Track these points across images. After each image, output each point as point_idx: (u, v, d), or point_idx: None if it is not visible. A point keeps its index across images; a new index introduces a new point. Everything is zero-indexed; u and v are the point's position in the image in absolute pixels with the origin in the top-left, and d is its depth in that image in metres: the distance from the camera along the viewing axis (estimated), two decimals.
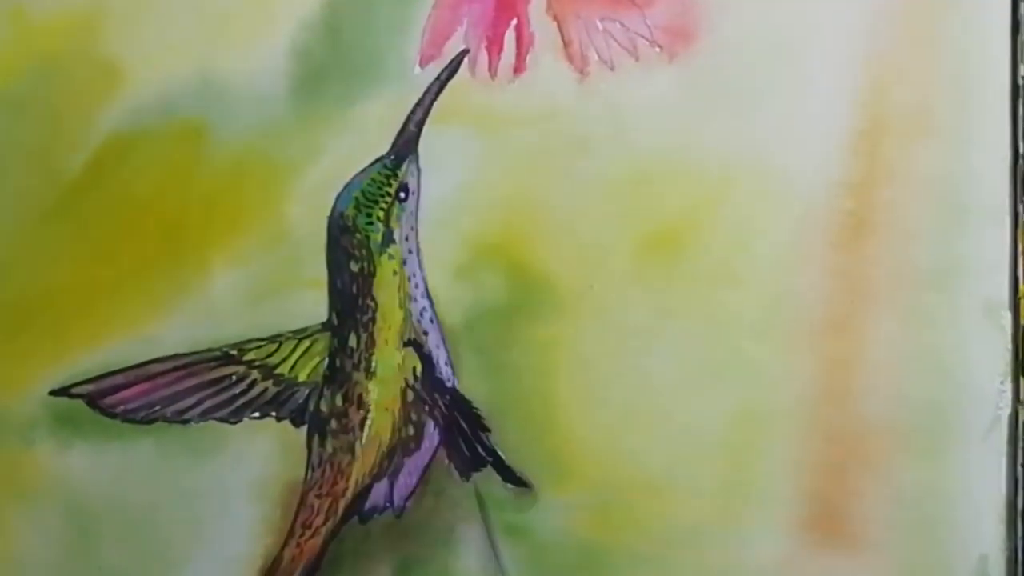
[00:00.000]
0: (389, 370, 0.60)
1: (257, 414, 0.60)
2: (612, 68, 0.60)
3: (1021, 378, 0.58)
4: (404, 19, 0.60)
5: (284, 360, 0.60)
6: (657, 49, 0.60)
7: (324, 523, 0.60)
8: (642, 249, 0.59)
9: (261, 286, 0.61)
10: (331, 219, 0.60)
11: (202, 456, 0.61)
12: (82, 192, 0.62)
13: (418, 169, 0.60)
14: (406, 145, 0.60)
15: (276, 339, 0.60)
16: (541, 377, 0.59)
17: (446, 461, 0.60)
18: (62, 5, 0.62)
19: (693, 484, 0.59)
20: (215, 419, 0.60)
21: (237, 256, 0.61)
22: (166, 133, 0.61)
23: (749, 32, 0.59)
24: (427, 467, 0.60)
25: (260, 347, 0.60)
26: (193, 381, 0.60)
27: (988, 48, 0.58)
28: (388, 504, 0.60)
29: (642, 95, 0.59)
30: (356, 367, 0.60)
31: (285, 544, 0.60)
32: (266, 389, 0.60)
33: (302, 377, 0.60)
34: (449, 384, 0.60)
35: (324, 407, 0.60)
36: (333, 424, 0.60)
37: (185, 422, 0.61)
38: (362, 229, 0.60)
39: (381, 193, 0.60)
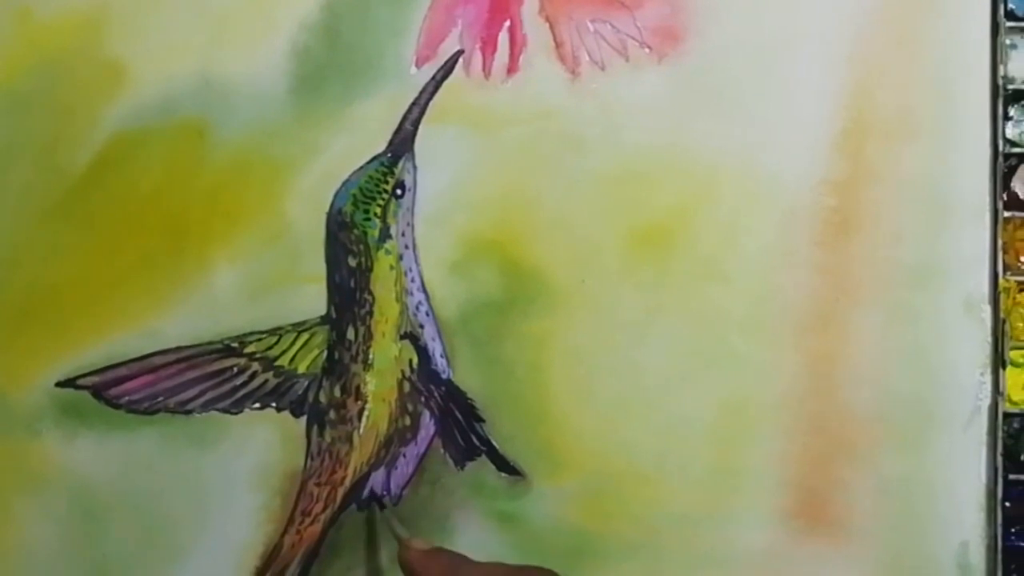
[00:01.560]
0: (386, 362, 0.60)
1: (258, 405, 0.61)
2: (603, 68, 0.60)
3: (1001, 370, 0.58)
4: (401, 21, 0.61)
5: (284, 352, 0.60)
6: (647, 50, 0.60)
7: (323, 511, 0.60)
8: (632, 245, 0.60)
9: (261, 281, 0.61)
10: (329, 215, 0.60)
11: (204, 446, 0.61)
12: (87, 189, 0.61)
13: (414, 167, 0.60)
14: (402, 143, 0.60)
15: (276, 332, 0.61)
16: (534, 369, 0.60)
17: (441, 451, 0.60)
18: (68, 6, 0.62)
19: (682, 474, 0.59)
20: (217, 410, 0.61)
21: (238, 251, 0.61)
22: (169, 132, 0.61)
23: (736, 34, 0.60)
24: (423, 456, 0.61)
25: (260, 340, 0.60)
26: (195, 373, 0.60)
27: (969, 50, 0.59)
28: (385, 492, 0.60)
29: (632, 95, 0.60)
30: (354, 359, 0.60)
31: (285, 531, 0.60)
32: (266, 381, 0.60)
33: (301, 369, 0.61)
34: (444, 376, 0.60)
35: (323, 398, 0.61)
36: (332, 415, 0.60)
37: (188, 413, 0.61)
38: (359, 225, 0.60)
39: (378, 190, 0.60)
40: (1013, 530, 0.59)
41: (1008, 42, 0.59)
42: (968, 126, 0.59)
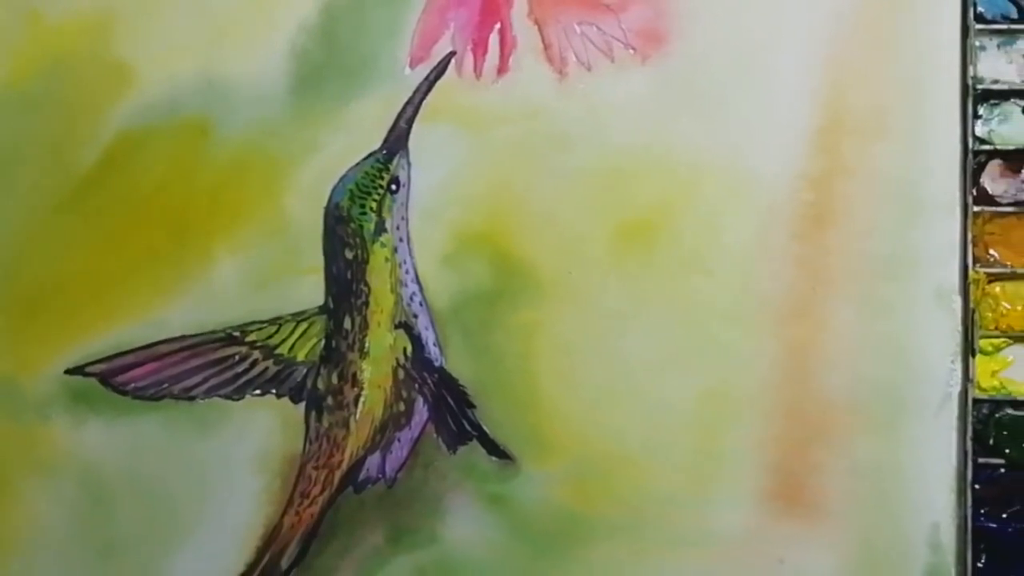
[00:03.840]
0: (381, 350, 0.61)
1: (258, 391, 0.61)
2: (589, 69, 0.60)
3: (970, 358, 0.59)
4: (395, 23, 0.61)
5: (284, 341, 0.61)
6: (631, 51, 0.60)
7: (321, 493, 0.61)
8: (618, 239, 0.60)
9: (262, 272, 0.61)
10: (327, 210, 0.61)
11: (207, 431, 0.61)
12: (94, 185, 0.62)
13: (408, 163, 0.61)
14: (397, 141, 0.61)
15: (276, 321, 0.61)
16: (523, 358, 0.60)
17: (434, 435, 0.61)
18: (75, 9, 0.62)
19: (665, 457, 0.60)
20: (219, 396, 0.61)
21: (239, 245, 0.61)
22: (172, 130, 0.61)
23: (717, 36, 0.60)
24: (417, 441, 0.61)
25: (261, 329, 0.61)
26: (199, 361, 0.61)
27: (940, 52, 0.59)
28: (380, 475, 0.61)
29: (617, 94, 0.60)
30: (351, 347, 0.61)
31: (285, 512, 0.61)
32: (267, 368, 0.61)
33: (300, 357, 0.61)
34: (437, 363, 0.61)
35: (321, 385, 0.61)
36: (329, 401, 0.61)
37: (191, 399, 0.61)
38: (356, 219, 0.60)
39: (374, 185, 0.60)
40: (982, 511, 0.59)
41: (977, 44, 0.59)
42: (939, 124, 0.59)
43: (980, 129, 0.60)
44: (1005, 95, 0.60)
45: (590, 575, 0.60)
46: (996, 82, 0.60)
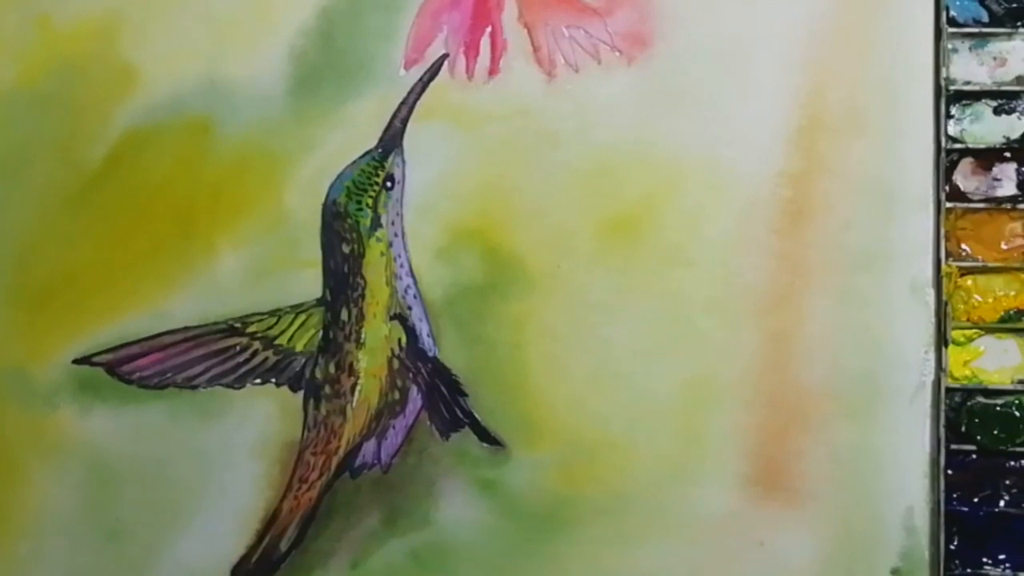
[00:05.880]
0: (377, 341, 0.61)
1: (259, 380, 0.62)
2: (577, 70, 0.61)
3: (943, 348, 0.59)
4: (391, 26, 0.61)
5: (283, 332, 0.61)
6: (617, 54, 0.61)
7: (319, 478, 0.61)
8: (604, 233, 0.61)
9: (262, 266, 0.62)
10: (325, 206, 0.61)
11: (209, 418, 0.62)
12: (101, 182, 0.62)
13: (403, 161, 0.61)
14: (392, 139, 0.61)
15: (276, 313, 0.61)
16: (513, 347, 0.61)
17: (428, 423, 0.61)
18: (84, 13, 0.63)
19: (650, 443, 0.60)
20: (221, 385, 0.62)
21: (241, 239, 0.62)
22: (176, 129, 0.62)
23: (700, 38, 0.60)
24: (411, 428, 0.61)
25: (261, 320, 0.61)
26: (201, 351, 0.61)
27: (914, 54, 0.59)
28: (376, 461, 0.61)
29: (604, 95, 0.61)
30: (347, 338, 0.61)
31: (284, 497, 0.61)
32: (267, 358, 0.61)
33: (299, 347, 0.62)
34: (431, 354, 0.61)
35: (319, 374, 0.62)
36: (327, 389, 0.61)
37: (194, 388, 0.62)
38: (353, 215, 0.61)
39: (370, 182, 0.61)
40: (955, 496, 0.59)
41: (950, 46, 0.60)
42: (913, 123, 0.59)
43: (952, 128, 0.60)
44: (976, 96, 0.60)
45: (577, 556, 0.60)
46: (968, 83, 0.60)
